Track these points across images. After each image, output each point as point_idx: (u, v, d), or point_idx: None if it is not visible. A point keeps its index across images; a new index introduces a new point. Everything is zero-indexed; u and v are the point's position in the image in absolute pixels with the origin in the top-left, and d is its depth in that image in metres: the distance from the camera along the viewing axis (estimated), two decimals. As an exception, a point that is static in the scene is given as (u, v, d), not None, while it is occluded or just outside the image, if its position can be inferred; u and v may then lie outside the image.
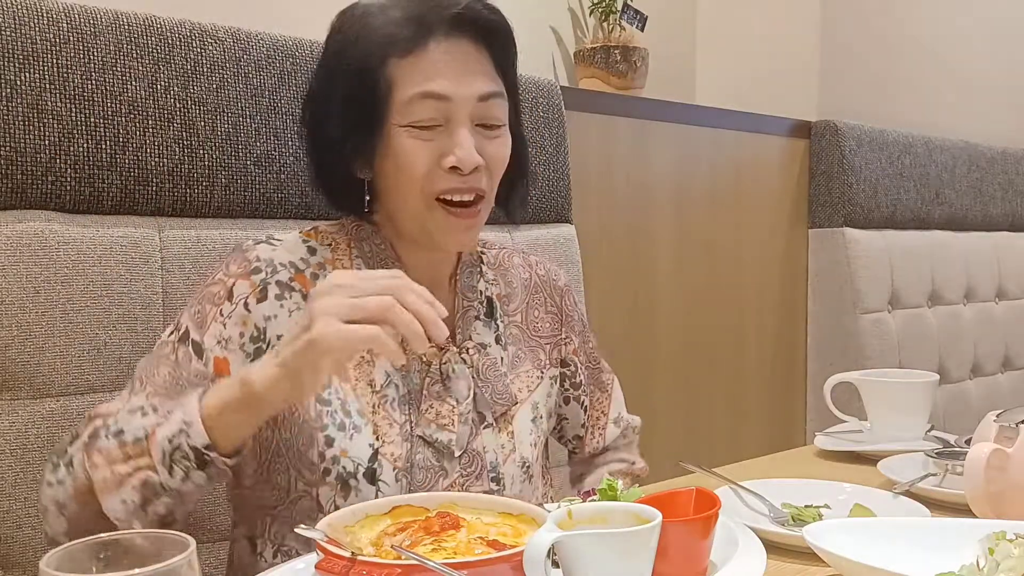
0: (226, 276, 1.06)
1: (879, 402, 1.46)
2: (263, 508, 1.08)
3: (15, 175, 1.13)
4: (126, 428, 0.92)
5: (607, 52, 2.20)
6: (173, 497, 0.91)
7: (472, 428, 1.11)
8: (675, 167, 2.25)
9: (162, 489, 0.90)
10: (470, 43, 1.07)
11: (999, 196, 3.00)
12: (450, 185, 1.05)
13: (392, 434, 1.06)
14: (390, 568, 0.69)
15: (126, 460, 0.90)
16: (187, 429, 0.89)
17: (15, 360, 1.11)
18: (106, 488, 0.90)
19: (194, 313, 1.04)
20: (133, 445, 0.91)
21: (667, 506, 0.85)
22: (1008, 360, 2.97)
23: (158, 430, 0.90)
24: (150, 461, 0.90)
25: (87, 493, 0.92)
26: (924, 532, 0.91)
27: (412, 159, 1.04)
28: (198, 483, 0.91)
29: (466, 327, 1.16)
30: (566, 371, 1.29)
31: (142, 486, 0.90)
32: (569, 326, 1.29)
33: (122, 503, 0.90)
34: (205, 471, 0.90)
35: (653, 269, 2.20)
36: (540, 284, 1.28)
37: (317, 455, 1.03)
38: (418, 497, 0.88)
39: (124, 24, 1.20)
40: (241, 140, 1.29)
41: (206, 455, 0.89)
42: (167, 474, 0.89)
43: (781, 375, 2.54)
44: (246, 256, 1.07)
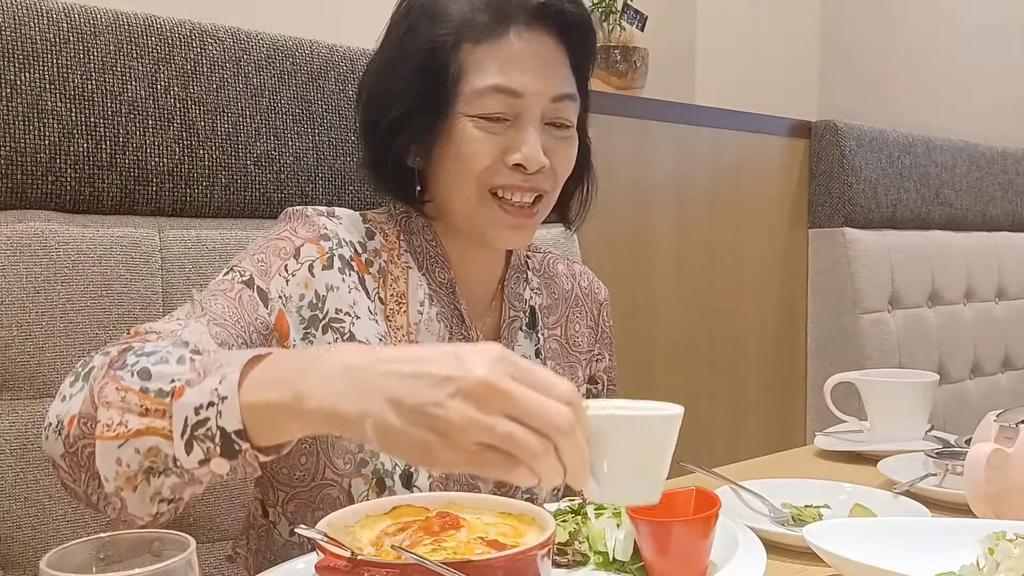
0: (293, 235, 1.00)
1: (879, 402, 1.46)
2: (278, 483, 1.04)
3: (15, 175, 1.13)
4: (155, 370, 0.73)
5: (607, 52, 2.20)
6: (182, 478, 0.72)
7: None
8: (675, 167, 2.25)
9: (172, 465, 0.71)
10: (551, 38, 1.02)
11: (999, 196, 3.00)
12: (510, 181, 1.01)
13: None
14: (390, 568, 0.69)
15: (143, 413, 0.71)
16: (219, 405, 0.69)
17: (15, 360, 1.11)
18: (107, 436, 0.72)
19: (257, 261, 0.97)
20: (156, 397, 0.71)
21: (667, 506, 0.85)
22: (1008, 360, 2.97)
23: (187, 390, 0.70)
24: (167, 425, 0.70)
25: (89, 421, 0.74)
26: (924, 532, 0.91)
27: (475, 149, 1.00)
28: (217, 471, 0.71)
29: (511, 338, 1.13)
30: (592, 388, 1.26)
31: (148, 452, 0.71)
32: (603, 342, 1.26)
33: (116, 463, 0.71)
34: (231, 462, 0.70)
35: (653, 269, 2.20)
36: (582, 296, 1.24)
37: (355, 444, 0.99)
38: (418, 497, 0.88)
39: (124, 24, 1.20)
40: (241, 140, 1.29)
41: (236, 444, 0.69)
42: (183, 450, 0.70)
43: (781, 375, 2.54)
44: (313, 222, 1.02)
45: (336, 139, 1.38)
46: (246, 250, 1.01)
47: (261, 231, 1.30)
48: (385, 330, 1.03)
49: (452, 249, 1.09)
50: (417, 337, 1.05)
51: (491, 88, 0.99)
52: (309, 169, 1.36)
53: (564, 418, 0.63)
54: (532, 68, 1.00)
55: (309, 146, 1.35)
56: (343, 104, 1.38)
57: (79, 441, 0.74)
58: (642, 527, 0.82)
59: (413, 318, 1.06)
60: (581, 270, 1.28)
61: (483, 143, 1.00)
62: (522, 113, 1.00)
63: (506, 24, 1.00)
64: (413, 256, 1.08)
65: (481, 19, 1.00)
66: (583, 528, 0.89)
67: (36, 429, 1.12)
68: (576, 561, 0.87)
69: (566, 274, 1.24)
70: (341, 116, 1.38)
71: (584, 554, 0.87)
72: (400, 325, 1.05)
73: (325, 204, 1.39)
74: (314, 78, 1.36)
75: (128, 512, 0.74)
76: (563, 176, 1.07)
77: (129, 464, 0.71)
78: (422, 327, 1.06)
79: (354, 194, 1.40)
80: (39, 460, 1.12)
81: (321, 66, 1.36)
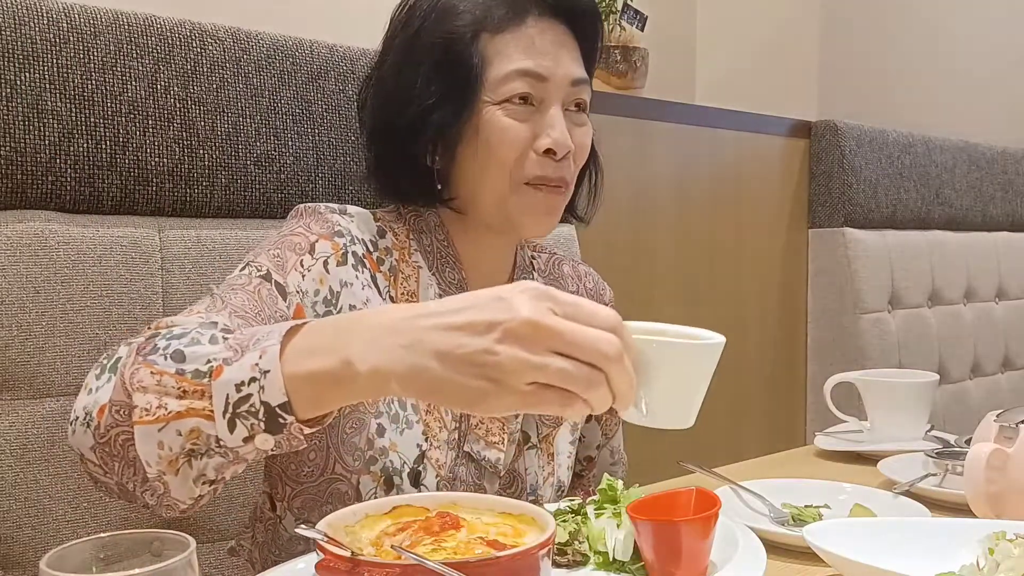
0: (307, 231, 1.00)
1: (879, 402, 1.46)
2: (286, 478, 1.04)
3: (15, 175, 1.13)
4: (188, 351, 0.72)
5: (607, 52, 2.20)
6: (226, 457, 0.72)
7: (517, 448, 1.09)
8: (675, 167, 2.25)
9: (215, 445, 0.71)
10: (564, 26, 1.05)
11: (999, 196, 3.00)
12: (543, 172, 1.02)
13: (440, 439, 1.02)
14: (390, 568, 0.69)
15: (181, 395, 0.70)
16: (261, 380, 0.69)
17: (15, 360, 1.11)
18: (145, 420, 0.71)
19: (273, 256, 0.96)
20: (193, 379, 0.71)
21: (667, 506, 0.85)
22: (1008, 360, 2.97)
23: (226, 368, 0.70)
24: (208, 406, 0.70)
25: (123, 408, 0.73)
26: (924, 532, 0.91)
27: (508, 137, 1.00)
28: (263, 448, 0.71)
29: None
30: None
31: (191, 434, 0.70)
32: None
33: (158, 447, 0.71)
34: (276, 436, 0.70)
35: (653, 269, 2.20)
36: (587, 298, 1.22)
37: (365, 441, 0.99)
38: (418, 497, 0.88)
39: (124, 24, 1.20)
40: (241, 140, 1.29)
41: (281, 418, 0.69)
42: (226, 428, 0.69)
43: (781, 375, 2.54)
44: (326, 219, 1.02)
45: (336, 139, 1.38)
46: (260, 246, 1.00)
47: (261, 231, 1.30)
48: None
49: (464, 248, 1.09)
50: None
51: (517, 72, 1.00)
52: (309, 169, 1.36)
53: (612, 346, 0.64)
54: (552, 53, 1.02)
55: (309, 146, 1.35)
56: (343, 104, 1.38)
57: (112, 430, 0.73)
58: (642, 527, 0.82)
59: None
60: (587, 271, 1.28)
61: (513, 130, 1.00)
62: (546, 97, 1.02)
63: (523, 14, 1.02)
64: (423, 255, 1.08)
65: (498, 11, 1.02)
66: (583, 528, 0.89)
67: (36, 429, 1.12)
68: (576, 561, 0.87)
69: (572, 275, 1.24)
70: (341, 116, 1.38)
71: (584, 554, 0.87)
72: None
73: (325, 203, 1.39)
74: (314, 78, 1.36)
75: (171, 497, 0.74)
76: (581, 162, 1.08)
77: (171, 447, 0.71)
78: None
79: (354, 194, 1.40)
80: (39, 460, 1.12)
81: (321, 66, 1.36)
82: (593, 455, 1.30)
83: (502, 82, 1.00)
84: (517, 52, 1.01)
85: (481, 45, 1.01)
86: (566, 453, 1.15)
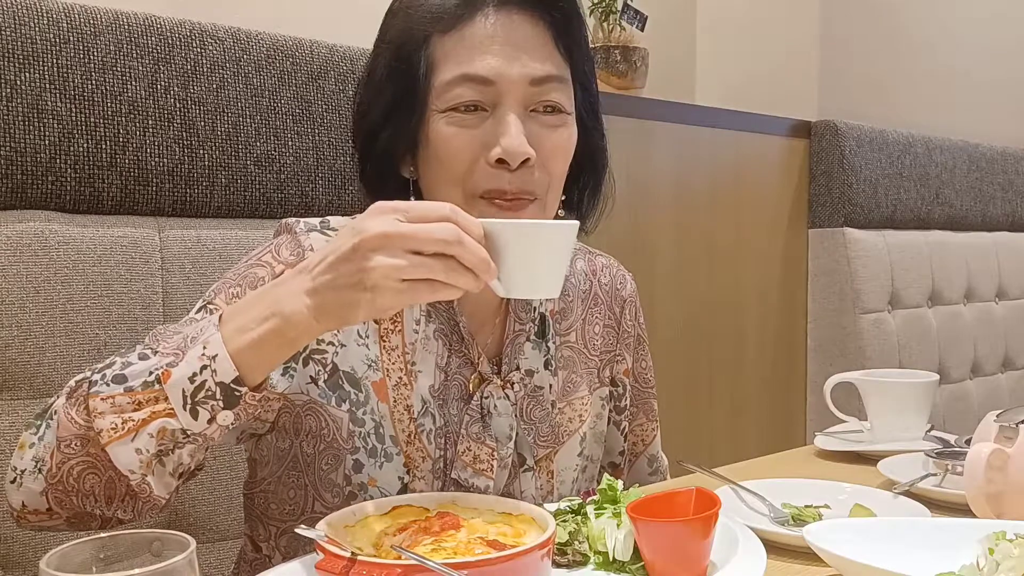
0: (275, 260, 0.96)
1: (879, 402, 1.46)
2: (268, 518, 1.02)
3: (15, 175, 1.13)
4: (128, 372, 0.79)
5: (607, 52, 2.20)
6: (196, 443, 0.80)
7: (511, 471, 1.03)
8: (675, 167, 2.25)
9: (183, 436, 0.78)
10: (523, 16, 0.94)
11: (999, 196, 3.00)
12: (496, 185, 0.93)
13: (424, 469, 0.98)
14: (390, 568, 0.69)
15: (137, 407, 0.78)
16: (211, 364, 0.77)
17: (15, 360, 1.11)
18: (115, 437, 0.78)
19: (231, 296, 0.93)
20: (143, 390, 0.78)
21: (667, 506, 0.85)
22: (1008, 360, 2.98)
23: (172, 371, 0.78)
24: (167, 406, 0.77)
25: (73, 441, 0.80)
26: (924, 532, 0.91)
27: (452, 148, 0.93)
28: (223, 424, 0.79)
29: (514, 354, 1.05)
30: (614, 391, 1.18)
31: (159, 434, 0.78)
32: (625, 343, 1.18)
33: (136, 453, 0.78)
34: (233, 410, 0.78)
35: (653, 269, 2.20)
36: (602, 295, 1.16)
37: (342, 477, 0.96)
38: (418, 497, 0.88)
39: (124, 24, 1.20)
40: (241, 140, 1.29)
41: (236, 391, 0.77)
42: (190, 418, 0.77)
43: (781, 375, 2.54)
44: (300, 243, 0.96)
45: (336, 139, 1.38)
46: (224, 278, 0.96)
47: (261, 231, 1.30)
48: (376, 353, 0.99)
49: None
50: (414, 356, 0.99)
51: (459, 78, 0.92)
52: (309, 169, 1.36)
53: (449, 232, 0.73)
54: (503, 52, 0.92)
55: (309, 146, 1.35)
56: (343, 104, 1.38)
57: (63, 465, 0.80)
58: (642, 527, 0.82)
59: (409, 337, 1.00)
60: (604, 263, 1.19)
61: (457, 139, 0.93)
62: (499, 102, 0.93)
63: (474, 9, 0.93)
64: None
65: (449, 6, 0.94)
66: (583, 528, 0.88)
67: (36, 429, 1.12)
68: (576, 561, 0.87)
69: (585, 271, 1.16)
70: (341, 116, 1.38)
71: (584, 554, 0.87)
72: (395, 345, 0.99)
73: (325, 204, 1.39)
74: (314, 78, 1.36)
75: (154, 495, 0.80)
76: (558, 170, 0.98)
77: (147, 450, 0.78)
78: (418, 346, 1.00)
79: (354, 194, 1.40)
80: (39, 460, 1.12)
81: (321, 66, 1.36)
82: (617, 461, 1.23)
83: (446, 89, 0.93)
84: (463, 53, 0.93)
85: (430, 48, 0.94)
86: (572, 467, 1.10)
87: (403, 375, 0.98)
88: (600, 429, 1.16)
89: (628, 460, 1.24)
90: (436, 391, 1.00)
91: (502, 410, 1.01)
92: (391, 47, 0.97)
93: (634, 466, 1.25)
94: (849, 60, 2.66)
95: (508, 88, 0.93)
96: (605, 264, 1.20)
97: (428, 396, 0.99)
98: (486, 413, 1.01)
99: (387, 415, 0.97)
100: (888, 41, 2.77)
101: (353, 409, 0.96)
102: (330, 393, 0.96)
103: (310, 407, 0.96)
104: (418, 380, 0.99)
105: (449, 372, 1.01)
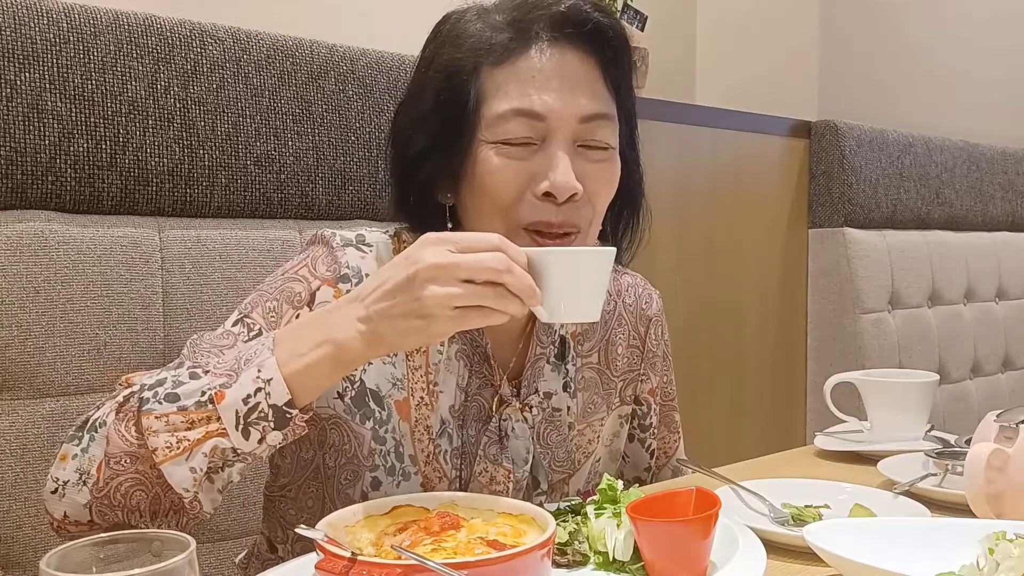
0: (311, 275, 0.96)
1: (879, 402, 1.46)
2: (286, 522, 1.04)
3: (15, 175, 1.13)
4: (181, 392, 0.82)
5: (607, 52, 2.20)
6: (245, 461, 0.83)
7: (525, 494, 1.04)
8: (675, 167, 2.25)
9: (233, 455, 0.82)
10: (576, 53, 0.95)
11: (999, 196, 3.00)
12: (541, 217, 0.93)
13: (440, 489, 0.99)
14: (390, 568, 0.69)
15: (190, 426, 0.81)
16: (266, 387, 0.81)
17: (15, 360, 1.11)
18: (170, 456, 0.81)
19: (268, 310, 0.94)
20: (196, 410, 0.81)
21: (667, 506, 0.85)
22: (1008, 360, 2.98)
23: (227, 392, 0.81)
24: (220, 427, 0.81)
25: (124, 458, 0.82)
26: (924, 532, 0.91)
27: (500, 179, 0.93)
28: (272, 444, 0.82)
29: (534, 377, 1.06)
30: (638, 410, 1.19)
31: (211, 453, 0.81)
32: (650, 362, 1.18)
33: (191, 472, 0.81)
34: (283, 431, 0.82)
35: (653, 269, 2.20)
36: (626, 315, 1.16)
37: (359, 494, 0.98)
38: (418, 497, 0.88)
39: (124, 24, 1.20)
40: (241, 140, 1.29)
41: (287, 413, 0.81)
42: (241, 438, 0.81)
43: (781, 375, 2.54)
44: (336, 258, 0.97)
45: (336, 139, 1.38)
46: (260, 290, 0.97)
47: (261, 231, 1.31)
48: (403, 372, 0.99)
49: None
50: (436, 377, 1.00)
51: (512, 112, 0.92)
52: (309, 169, 1.36)
53: (498, 261, 0.78)
54: (557, 87, 0.93)
55: (309, 146, 1.35)
56: (343, 104, 1.38)
57: (112, 481, 0.83)
58: (642, 527, 0.82)
59: (433, 357, 1.00)
60: (630, 283, 1.19)
61: (506, 172, 0.93)
62: (548, 136, 0.93)
63: (527, 43, 0.94)
64: None
65: (501, 39, 0.94)
66: (583, 528, 0.88)
67: (36, 429, 1.12)
68: (576, 561, 0.87)
69: (609, 291, 1.15)
70: (341, 116, 1.38)
71: (584, 554, 0.87)
72: (419, 365, 1.00)
73: (325, 204, 1.39)
74: (314, 78, 1.36)
75: (203, 510, 0.84)
76: (601, 204, 0.98)
77: (201, 468, 0.82)
78: (441, 366, 1.00)
79: (354, 194, 1.40)
80: (39, 460, 1.12)
81: (321, 66, 1.36)
82: (643, 477, 1.24)
83: (497, 122, 0.93)
84: (516, 88, 0.93)
85: (480, 79, 0.94)
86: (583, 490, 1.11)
87: (425, 395, 1.00)
88: (617, 448, 1.17)
89: (653, 473, 1.26)
90: (456, 411, 1.01)
91: (520, 433, 1.03)
92: (439, 76, 0.96)
93: (658, 476, 1.27)
94: (849, 60, 2.66)
95: (559, 124, 0.93)
96: (631, 283, 1.20)
97: (448, 416, 1.00)
98: (504, 435, 1.02)
99: (407, 434, 0.99)
100: (888, 41, 2.77)
101: (376, 427, 0.98)
102: (355, 410, 0.98)
103: (335, 421, 0.98)
104: (439, 400, 1.00)
105: (469, 393, 1.02)
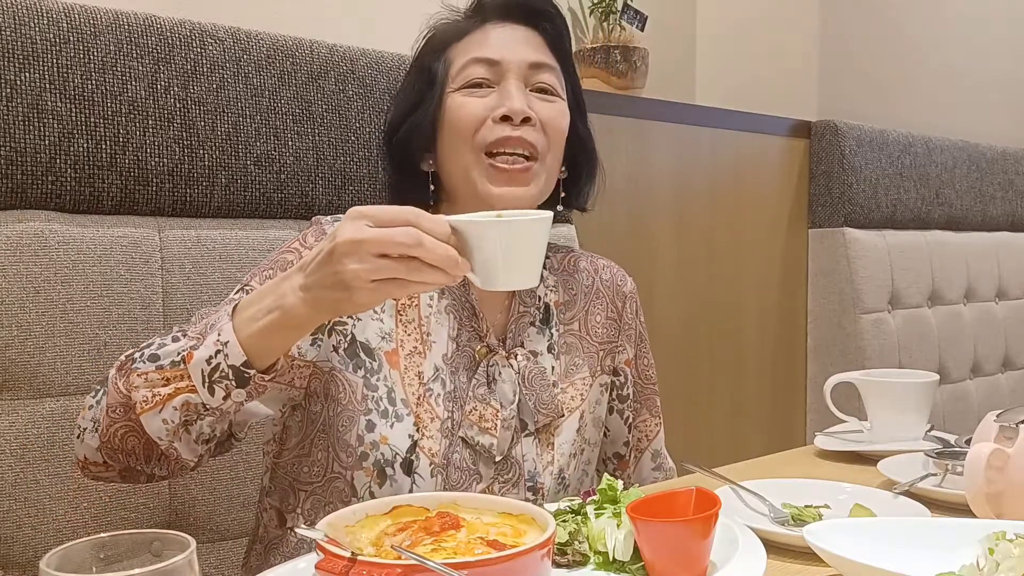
0: (301, 247, 1.08)
1: (879, 402, 1.46)
2: (299, 483, 1.09)
3: (15, 175, 1.13)
4: (161, 353, 0.93)
5: (607, 52, 2.20)
6: (214, 415, 0.93)
7: (514, 435, 1.11)
8: (675, 167, 2.25)
9: (204, 409, 0.91)
10: (525, 28, 1.16)
11: (999, 196, 3.00)
12: (500, 135, 1.10)
13: (432, 429, 1.07)
14: (390, 568, 0.69)
15: (165, 383, 0.91)
16: (224, 349, 0.89)
17: (15, 360, 1.11)
18: (147, 408, 0.92)
19: (264, 279, 1.05)
20: (171, 368, 0.91)
21: (667, 506, 0.85)
22: (1008, 360, 2.98)
23: (195, 352, 0.91)
24: (190, 383, 0.90)
25: (118, 408, 0.94)
26: (924, 532, 0.91)
27: (464, 112, 1.11)
28: (238, 401, 0.91)
29: (518, 332, 1.17)
30: (616, 380, 1.27)
31: (183, 407, 0.91)
32: (626, 335, 1.28)
33: (163, 423, 0.92)
34: (245, 389, 0.90)
35: (653, 269, 2.20)
36: (603, 289, 1.28)
37: (355, 438, 1.05)
38: (418, 497, 0.88)
39: (124, 24, 1.20)
40: (241, 140, 1.29)
41: (245, 373, 0.89)
42: (208, 395, 0.90)
43: (781, 375, 2.54)
44: (324, 231, 1.09)
45: (336, 139, 1.38)
46: (261, 263, 1.10)
47: (261, 231, 1.31)
48: (391, 327, 1.10)
49: None
50: (428, 329, 1.11)
51: (471, 60, 1.13)
52: (309, 169, 1.36)
53: (407, 236, 0.81)
54: (507, 43, 1.14)
55: (309, 146, 1.35)
56: (343, 104, 1.38)
57: (111, 427, 0.95)
58: (642, 527, 0.82)
59: (424, 311, 1.12)
60: (606, 264, 1.32)
61: (469, 104, 1.12)
62: (503, 78, 1.12)
63: (483, 22, 1.16)
64: None
65: (462, 24, 1.17)
66: (583, 528, 0.89)
67: (36, 429, 1.12)
68: (576, 561, 0.87)
69: (587, 269, 1.28)
70: (341, 116, 1.38)
71: (584, 554, 0.87)
72: (411, 319, 1.12)
73: (325, 204, 1.39)
74: (314, 78, 1.36)
75: (182, 457, 0.95)
76: (554, 136, 1.14)
77: (173, 420, 0.92)
78: (432, 319, 1.12)
79: (354, 194, 1.40)
80: (39, 460, 1.12)
81: (321, 66, 1.36)
82: (622, 452, 1.30)
83: (460, 71, 1.13)
84: (475, 46, 1.14)
85: (447, 54, 1.15)
86: (570, 442, 1.16)
87: (418, 344, 1.10)
88: (599, 415, 1.24)
89: (634, 455, 1.31)
90: (449, 359, 1.11)
91: (506, 377, 1.12)
92: (415, 67, 1.20)
93: (640, 462, 1.32)
94: (849, 60, 2.66)
95: (511, 67, 1.13)
96: (606, 265, 1.32)
97: (441, 363, 1.10)
98: (491, 380, 1.11)
99: (398, 380, 1.08)
100: (888, 41, 2.77)
101: (367, 376, 1.08)
102: (348, 360, 1.08)
103: (332, 373, 1.07)
104: (432, 349, 1.11)
105: (460, 343, 1.13)
